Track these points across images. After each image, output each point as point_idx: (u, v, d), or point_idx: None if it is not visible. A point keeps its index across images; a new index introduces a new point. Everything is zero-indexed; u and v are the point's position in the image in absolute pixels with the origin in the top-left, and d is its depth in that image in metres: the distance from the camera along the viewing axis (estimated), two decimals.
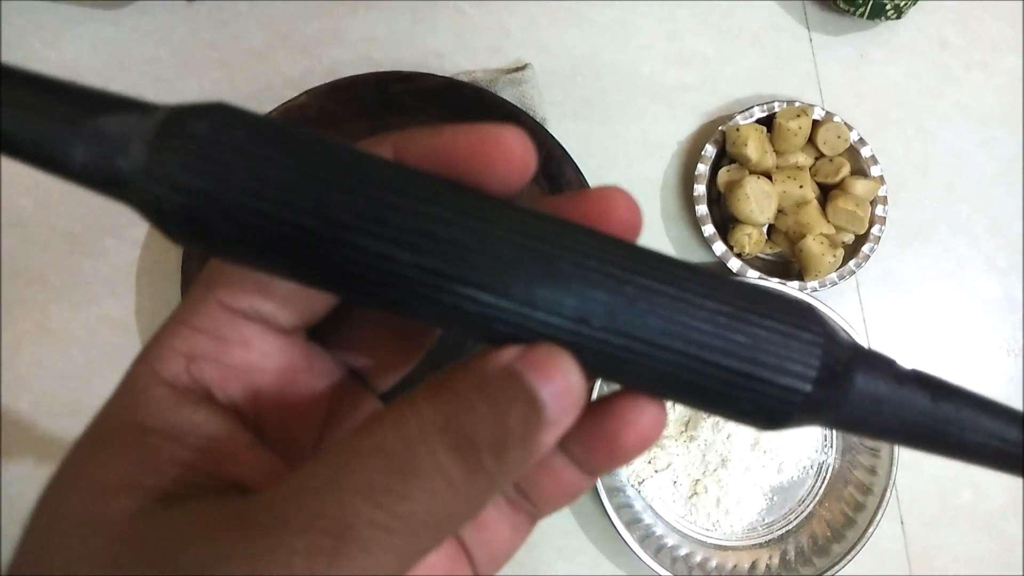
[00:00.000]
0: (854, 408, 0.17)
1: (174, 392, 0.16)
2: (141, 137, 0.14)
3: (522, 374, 0.14)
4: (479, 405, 0.14)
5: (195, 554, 0.13)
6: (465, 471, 0.13)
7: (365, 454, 0.13)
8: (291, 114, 0.51)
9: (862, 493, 0.52)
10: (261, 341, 0.16)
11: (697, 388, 0.16)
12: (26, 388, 0.54)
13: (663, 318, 0.15)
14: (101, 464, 0.15)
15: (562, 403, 0.14)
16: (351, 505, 0.13)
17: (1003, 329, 0.57)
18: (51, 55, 0.56)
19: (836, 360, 0.16)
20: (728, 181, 0.54)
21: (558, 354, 0.15)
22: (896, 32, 0.59)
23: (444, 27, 0.57)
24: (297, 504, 0.13)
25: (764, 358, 0.16)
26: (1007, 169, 0.59)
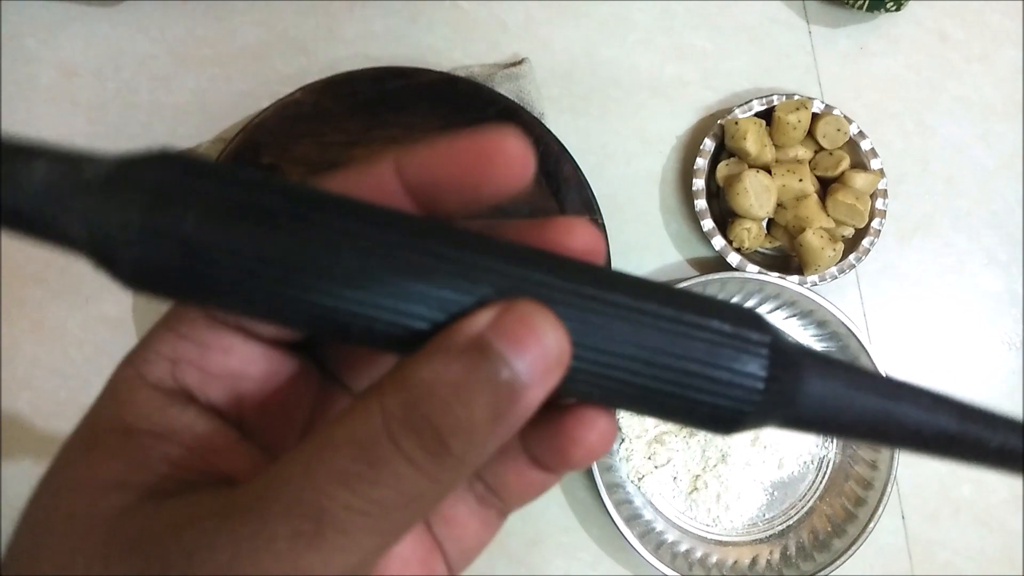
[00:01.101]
0: (804, 408, 0.17)
1: (160, 394, 0.16)
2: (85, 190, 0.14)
3: (491, 346, 0.14)
4: (440, 391, 0.13)
5: (183, 543, 0.13)
6: (431, 457, 0.13)
7: (337, 444, 0.14)
8: (287, 110, 0.51)
9: (863, 488, 0.52)
10: (242, 348, 0.17)
11: (646, 398, 0.16)
12: (24, 387, 0.54)
13: (607, 329, 0.15)
14: (92, 464, 0.15)
15: (539, 371, 0.14)
16: (327, 491, 0.13)
17: (1004, 322, 0.57)
18: (46, 53, 0.56)
19: (784, 361, 0.17)
20: (727, 175, 0.53)
21: (535, 313, 0.14)
22: (896, 25, 0.59)
23: (441, 23, 0.57)
24: (277, 492, 0.13)
25: (714, 363, 0.16)
26: (1007, 162, 0.58)
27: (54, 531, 0.15)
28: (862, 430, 0.17)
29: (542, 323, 0.14)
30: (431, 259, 0.15)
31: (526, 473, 0.18)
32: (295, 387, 0.18)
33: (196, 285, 0.15)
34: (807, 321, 0.54)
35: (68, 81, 0.56)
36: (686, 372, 0.16)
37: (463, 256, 0.15)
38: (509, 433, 0.14)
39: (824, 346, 0.54)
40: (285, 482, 0.13)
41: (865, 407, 0.17)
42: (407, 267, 0.15)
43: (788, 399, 0.17)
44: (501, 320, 0.14)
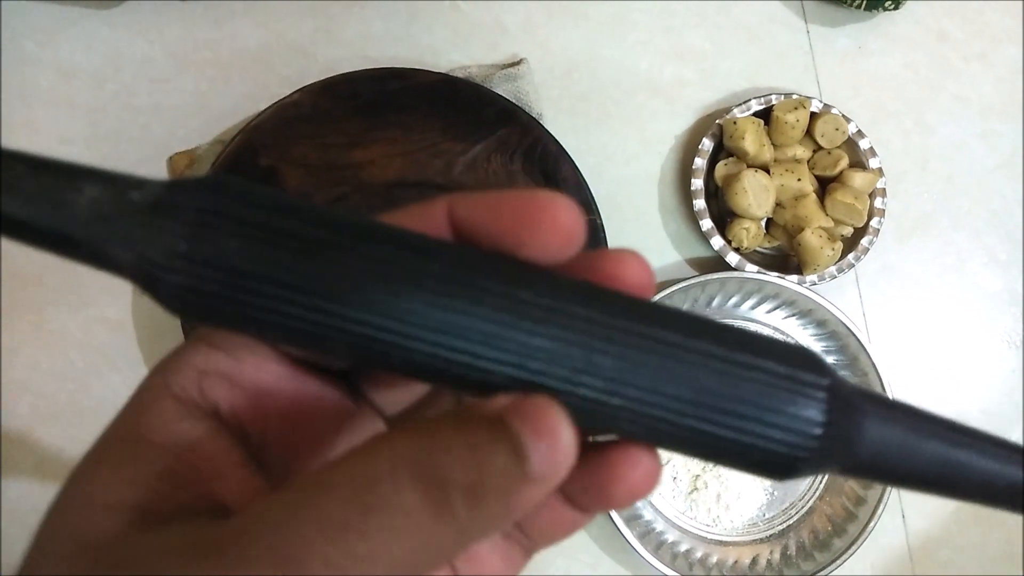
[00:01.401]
0: (864, 455, 0.16)
1: (179, 405, 0.16)
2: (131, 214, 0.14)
3: (510, 424, 0.13)
4: (457, 445, 0.13)
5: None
6: (432, 514, 0.13)
7: (332, 485, 0.13)
8: (285, 111, 0.51)
9: (863, 487, 0.52)
10: (274, 365, 0.16)
11: (695, 440, 0.16)
12: (24, 390, 0.54)
13: (655, 367, 0.15)
14: (97, 480, 0.15)
15: (550, 462, 0.14)
16: (307, 539, 0.12)
17: (1004, 321, 0.57)
18: (45, 55, 0.56)
19: (843, 406, 0.16)
20: (726, 175, 0.53)
21: (551, 408, 0.14)
22: (894, 23, 0.59)
23: (440, 24, 0.57)
24: (257, 535, 0.13)
25: (767, 407, 0.15)
26: (1007, 161, 0.58)
27: (52, 552, 0.15)
28: (927, 480, 0.16)
29: (558, 421, 0.14)
30: (474, 291, 0.15)
31: (559, 511, 0.17)
32: (322, 409, 0.17)
33: (238, 313, 0.15)
34: (806, 321, 0.54)
35: (67, 83, 0.56)
36: (738, 415, 0.15)
37: (505, 290, 0.15)
38: (512, 514, 0.14)
39: (823, 345, 0.54)
40: (266, 524, 0.13)
41: (929, 455, 0.16)
42: (449, 301, 0.15)
43: (846, 445, 0.16)
44: (520, 407, 0.14)
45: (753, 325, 0.55)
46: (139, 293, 0.55)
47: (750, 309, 0.55)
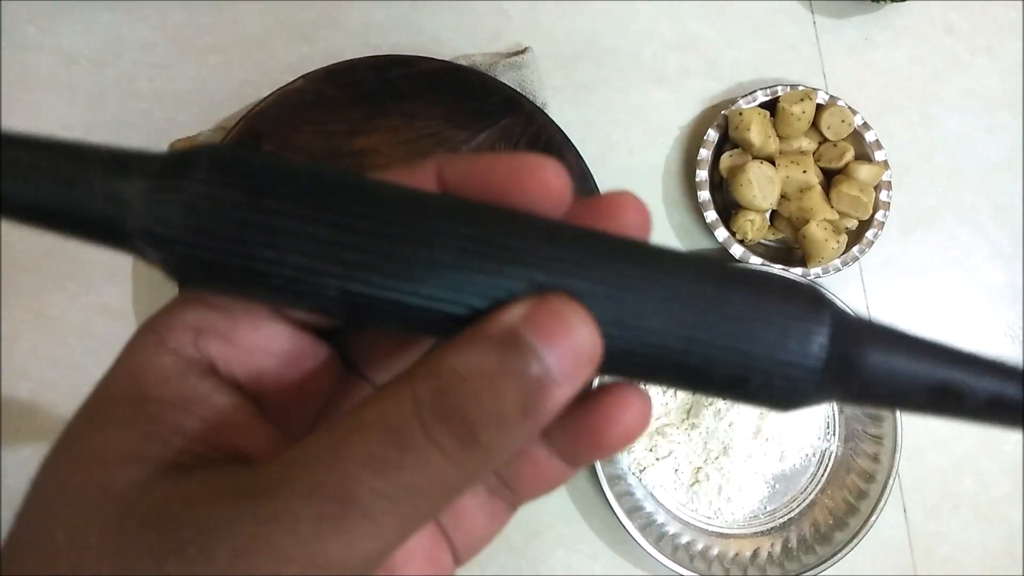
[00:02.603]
0: (867, 382, 0.16)
1: (181, 361, 0.16)
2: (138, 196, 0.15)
3: (524, 339, 0.14)
4: (471, 381, 0.13)
5: (200, 520, 0.13)
6: (460, 446, 0.13)
7: (366, 427, 0.13)
8: (288, 98, 0.51)
9: (865, 481, 0.51)
10: (270, 325, 0.16)
11: (706, 373, 0.16)
12: (24, 377, 0.54)
13: (651, 305, 0.15)
14: (105, 435, 0.15)
15: (569, 366, 0.14)
16: (354, 474, 0.13)
17: (1007, 315, 0.57)
18: (46, 40, 0.56)
19: (846, 334, 0.16)
20: (730, 166, 0.53)
21: (566, 309, 0.14)
22: (901, 15, 0.59)
23: (444, 11, 0.57)
24: (301, 473, 0.13)
25: (775, 337, 0.16)
26: (1012, 155, 0.58)
27: (66, 505, 0.14)
28: (931, 401, 0.17)
29: (574, 318, 0.14)
30: (469, 243, 0.15)
31: (543, 464, 0.17)
32: (316, 371, 0.17)
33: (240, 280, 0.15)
34: None
35: (68, 69, 0.56)
36: (743, 352, 0.15)
37: (500, 239, 0.15)
38: (537, 427, 0.14)
39: None
40: (311, 463, 0.13)
41: (932, 378, 0.17)
42: (444, 252, 0.15)
43: (849, 374, 0.16)
44: (534, 314, 0.14)
45: None
46: (139, 280, 0.54)
47: None
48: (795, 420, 0.53)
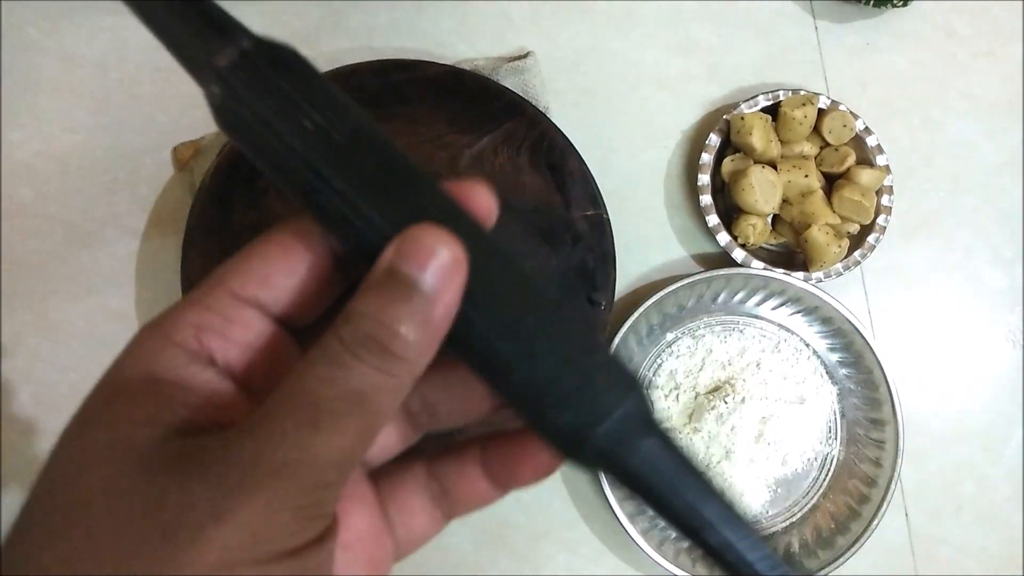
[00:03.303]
0: (631, 466, 0.19)
1: (185, 353, 0.18)
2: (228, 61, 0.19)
3: (398, 270, 0.17)
4: (373, 315, 0.17)
5: (215, 452, 0.16)
6: (380, 359, 0.17)
7: (312, 361, 0.17)
8: None
9: (867, 485, 0.52)
10: (259, 324, 0.19)
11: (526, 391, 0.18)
12: (26, 379, 0.54)
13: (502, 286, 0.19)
14: (124, 405, 0.18)
15: (443, 279, 0.17)
16: (314, 391, 0.17)
17: (1008, 319, 0.57)
18: (49, 44, 0.56)
19: (643, 416, 0.19)
20: (732, 171, 0.53)
21: (425, 235, 0.17)
22: (902, 20, 0.59)
23: (446, 16, 0.57)
24: (280, 401, 0.17)
25: (588, 374, 0.19)
26: (1013, 159, 0.58)
27: (94, 458, 0.17)
28: (673, 512, 0.19)
29: (434, 240, 0.17)
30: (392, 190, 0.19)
31: (477, 483, 0.21)
32: (289, 360, 0.20)
33: (258, 143, 0.19)
34: (812, 318, 0.54)
35: (71, 72, 0.56)
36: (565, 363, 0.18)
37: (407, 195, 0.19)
38: (441, 328, 0.18)
39: (828, 343, 0.54)
40: (283, 396, 0.17)
41: (683, 495, 0.19)
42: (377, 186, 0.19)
43: (628, 443, 0.19)
44: (401, 247, 0.17)
45: (758, 322, 0.55)
46: (141, 282, 0.55)
47: (756, 305, 0.55)
48: (797, 425, 0.53)
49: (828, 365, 0.54)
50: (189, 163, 0.54)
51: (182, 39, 0.20)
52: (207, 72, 0.19)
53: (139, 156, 0.55)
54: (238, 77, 0.19)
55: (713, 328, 0.55)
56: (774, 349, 0.54)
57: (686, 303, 0.54)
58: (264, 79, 0.19)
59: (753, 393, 0.52)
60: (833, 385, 0.54)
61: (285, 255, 0.19)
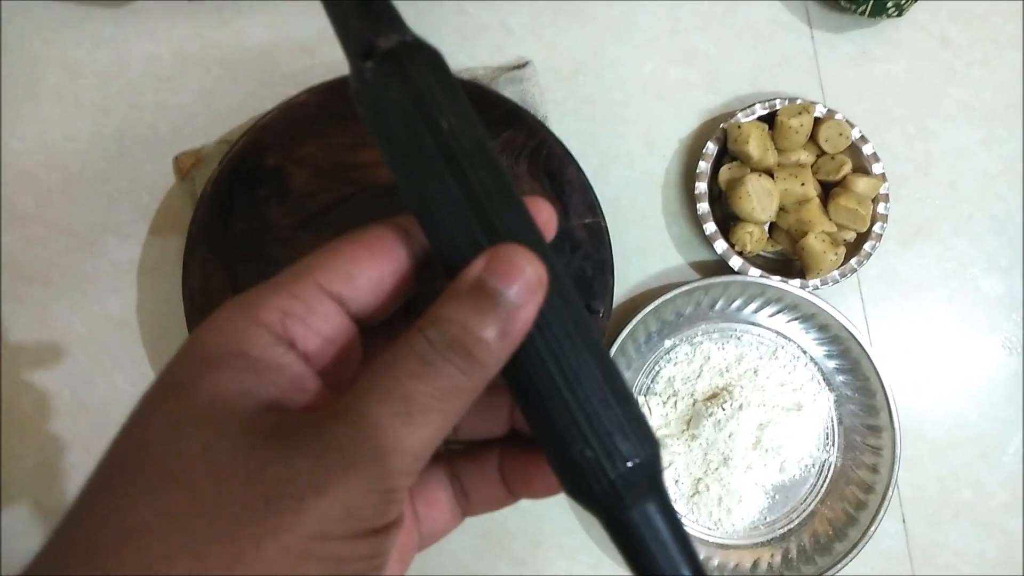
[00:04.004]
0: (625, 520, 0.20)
1: (271, 334, 0.19)
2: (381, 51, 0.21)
3: (487, 284, 0.19)
4: (459, 321, 0.18)
5: (311, 431, 0.18)
6: (464, 363, 0.18)
7: (404, 357, 0.18)
8: (292, 112, 0.51)
9: (864, 491, 0.52)
10: (338, 319, 0.20)
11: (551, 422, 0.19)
12: (27, 387, 0.54)
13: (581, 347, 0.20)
14: (218, 375, 0.18)
15: (525, 294, 0.19)
16: (407, 385, 0.18)
17: (1005, 327, 0.57)
18: (51, 53, 0.56)
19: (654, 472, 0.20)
20: (729, 179, 0.54)
21: (516, 255, 0.19)
22: (898, 29, 0.59)
23: (445, 25, 0.57)
24: (370, 391, 0.18)
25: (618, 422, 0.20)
26: (1009, 167, 0.59)
27: (192, 421, 0.18)
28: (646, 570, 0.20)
29: (521, 260, 0.19)
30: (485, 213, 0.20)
31: (494, 488, 0.23)
32: (357, 352, 0.21)
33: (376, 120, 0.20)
34: (809, 325, 0.54)
35: (73, 82, 0.56)
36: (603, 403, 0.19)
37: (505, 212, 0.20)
38: (516, 340, 0.19)
39: (825, 350, 0.55)
40: (374, 384, 0.18)
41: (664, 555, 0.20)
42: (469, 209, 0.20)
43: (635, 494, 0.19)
44: (492, 262, 0.19)
45: (756, 329, 0.55)
46: (143, 290, 0.55)
47: (753, 313, 0.55)
48: (795, 431, 0.53)
49: (825, 372, 0.55)
50: (190, 172, 0.54)
51: (351, 16, 0.21)
52: (366, 49, 0.20)
53: (140, 165, 0.56)
54: (394, 61, 0.20)
55: (711, 335, 0.55)
56: (771, 356, 0.54)
57: (684, 310, 0.55)
58: (416, 70, 0.20)
59: (751, 400, 0.52)
60: (830, 392, 0.55)
61: (371, 257, 0.20)
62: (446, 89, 0.20)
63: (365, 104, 0.21)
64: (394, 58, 0.20)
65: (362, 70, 0.20)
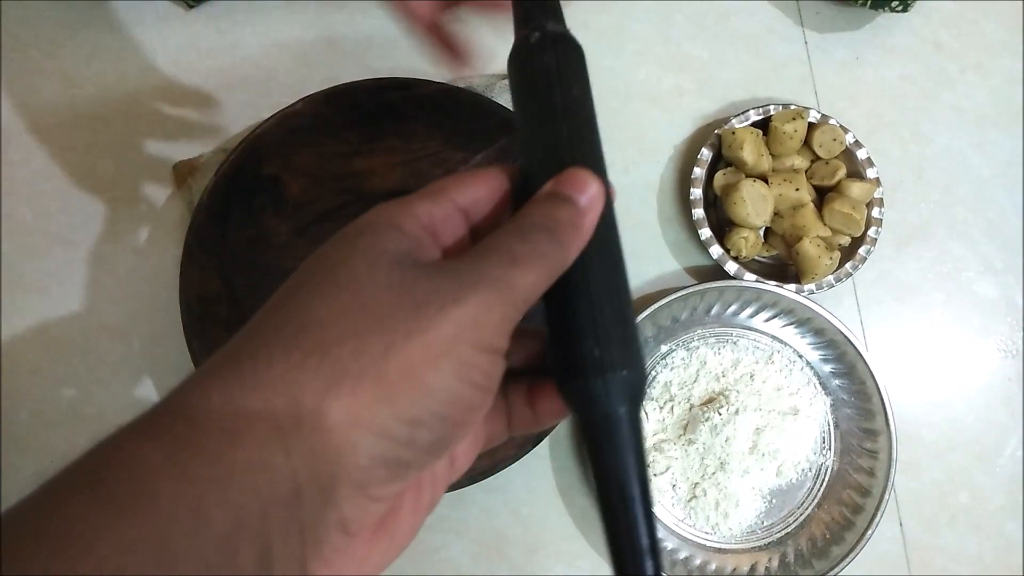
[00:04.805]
0: (607, 416, 0.23)
1: (419, 222, 0.24)
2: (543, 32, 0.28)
3: (561, 192, 0.24)
4: (541, 212, 0.24)
5: (446, 268, 0.22)
6: (550, 235, 0.23)
7: (510, 230, 0.23)
8: (289, 121, 0.52)
9: (861, 495, 0.52)
10: (461, 227, 0.25)
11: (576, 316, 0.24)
12: (26, 396, 0.54)
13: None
14: (377, 232, 0.23)
15: (589, 200, 0.24)
16: (514, 243, 0.23)
17: (1000, 330, 0.57)
18: (49, 64, 0.57)
19: (632, 390, 0.23)
20: (724, 184, 0.54)
21: (584, 174, 0.24)
22: (891, 34, 0.60)
23: None
24: (484, 245, 0.23)
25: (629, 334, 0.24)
26: (1003, 171, 0.59)
27: (357, 252, 0.22)
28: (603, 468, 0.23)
29: (586, 177, 0.24)
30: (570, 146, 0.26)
31: (524, 410, 0.27)
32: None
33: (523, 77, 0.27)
34: (804, 329, 0.54)
35: (71, 91, 0.57)
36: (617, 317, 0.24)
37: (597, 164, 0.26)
38: (584, 236, 0.24)
39: (821, 354, 0.55)
40: (487, 246, 0.23)
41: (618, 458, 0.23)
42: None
43: (616, 400, 0.23)
44: (565, 178, 0.24)
45: (752, 334, 0.55)
46: (140, 300, 0.55)
47: (748, 318, 0.55)
48: (791, 435, 0.53)
49: (821, 376, 0.55)
50: (187, 181, 0.54)
51: (534, 5, 0.28)
52: (536, 26, 0.27)
53: (138, 174, 0.56)
54: (552, 40, 0.27)
55: (707, 340, 0.55)
56: (767, 360, 0.55)
57: (680, 315, 0.55)
58: (565, 50, 0.27)
59: (747, 404, 0.53)
60: (826, 396, 0.55)
61: (489, 185, 0.25)
62: (581, 72, 0.27)
63: (518, 62, 0.27)
64: (553, 38, 0.27)
65: (528, 36, 0.27)
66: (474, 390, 0.21)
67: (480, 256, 0.23)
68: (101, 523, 0.17)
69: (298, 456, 0.19)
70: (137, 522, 0.17)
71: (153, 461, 0.18)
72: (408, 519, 0.24)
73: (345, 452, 0.20)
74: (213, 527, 0.18)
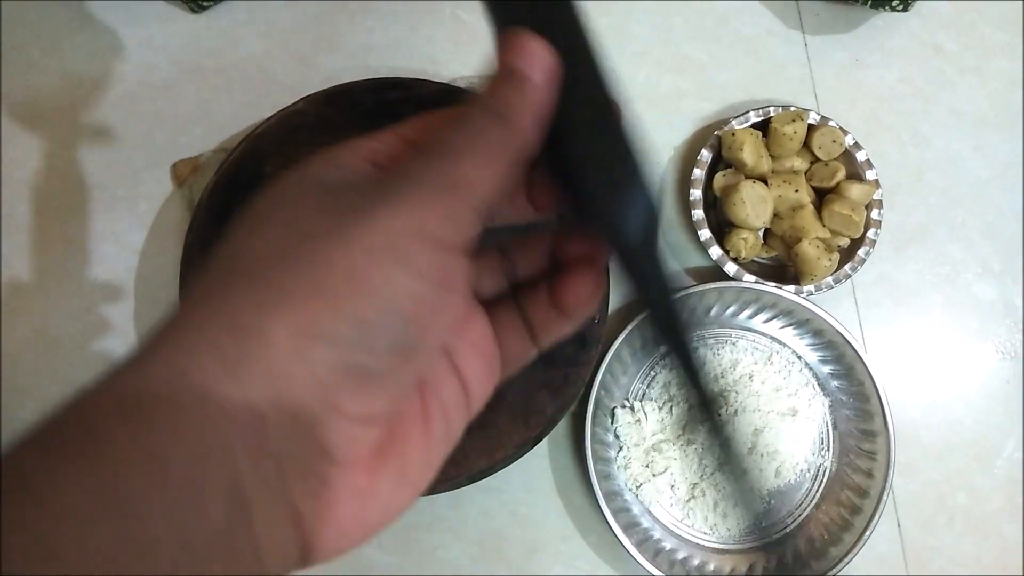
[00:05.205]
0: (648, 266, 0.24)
1: (358, 155, 0.23)
2: None
3: (504, 62, 0.22)
4: (488, 92, 0.22)
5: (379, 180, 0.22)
6: (495, 116, 0.22)
7: (448, 119, 0.23)
8: (289, 120, 0.52)
9: (859, 496, 0.52)
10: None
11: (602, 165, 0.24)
12: (26, 396, 0.54)
13: None
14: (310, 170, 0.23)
15: (533, 65, 0.22)
16: (452, 132, 0.22)
17: (998, 332, 0.57)
18: (50, 63, 0.57)
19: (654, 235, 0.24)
20: (724, 186, 0.54)
21: (511, 35, 0.22)
22: (890, 37, 0.60)
23: (441, 34, 0.58)
24: (433, 146, 0.22)
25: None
26: (1002, 173, 0.59)
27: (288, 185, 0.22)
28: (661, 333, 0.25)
29: (530, 42, 0.22)
30: None
31: (549, 312, 0.26)
32: None
33: None
34: (803, 330, 0.55)
35: (70, 90, 0.57)
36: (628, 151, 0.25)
37: None
38: (530, 101, 0.22)
39: (820, 355, 0.55)
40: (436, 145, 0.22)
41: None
42: None
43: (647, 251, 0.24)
44: (497, 48, 0.22)
45: (751, 335, 0.55)
46: (140, 298, 0.55)
47: (748, 319, 0.55)
48: (790, 436, 0.53)
49: (820, 377, 0.55)
50: (187, 180, 0.54)
51: None
52: None
53: (138, 173, 0.56)
54: None
55: (706, 341, 0.55)
56: (766, 361, 0.55)
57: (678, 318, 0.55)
58: None
59: (746, 405, 0.53)
60: (825, 397, 0.55)
61: (440, 113, 0.25)
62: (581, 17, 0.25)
63: None
64: None
65: None
66: (429, 286, 0.20)
67: (415, 158, 0.22)
68: (53, 467, 0.17)
69: (250, 380, 0.18)
70: (92, 467, 0.17)
71: (106, 408, 0.18)
72: (419, 450, 0.23)
73: (299, 367, 0.19)
74: (170, 465, 0.17)
